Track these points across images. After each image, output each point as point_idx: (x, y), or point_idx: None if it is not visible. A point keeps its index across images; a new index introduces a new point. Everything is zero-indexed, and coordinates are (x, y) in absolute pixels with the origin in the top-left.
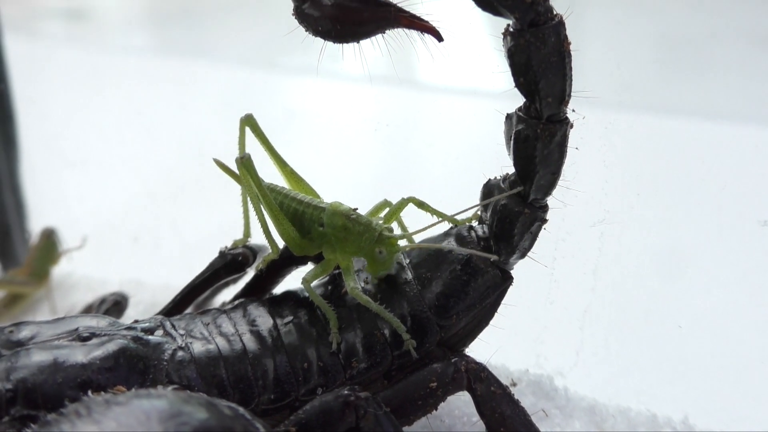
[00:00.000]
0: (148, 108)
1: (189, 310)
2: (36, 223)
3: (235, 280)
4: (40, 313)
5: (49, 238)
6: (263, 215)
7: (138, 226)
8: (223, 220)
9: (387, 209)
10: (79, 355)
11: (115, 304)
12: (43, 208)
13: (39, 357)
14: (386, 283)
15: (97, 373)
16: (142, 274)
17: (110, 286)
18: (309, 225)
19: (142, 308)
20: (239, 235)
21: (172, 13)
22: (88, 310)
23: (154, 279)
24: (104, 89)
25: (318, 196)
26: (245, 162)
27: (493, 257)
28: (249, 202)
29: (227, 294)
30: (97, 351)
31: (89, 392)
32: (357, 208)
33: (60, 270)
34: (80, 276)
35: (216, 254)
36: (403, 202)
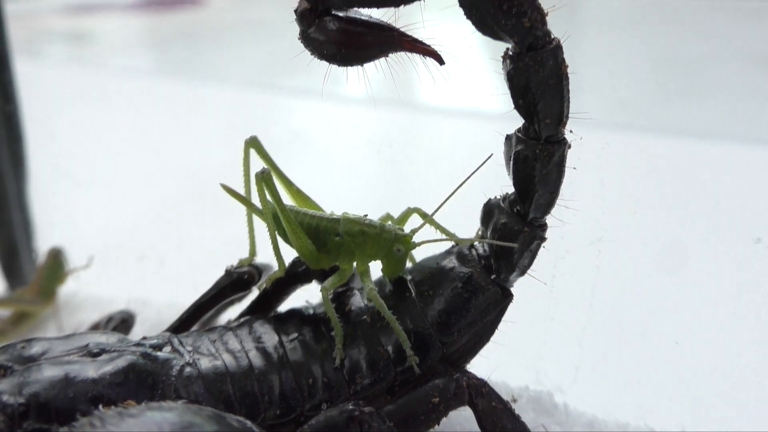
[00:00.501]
0: (154, 128)
1: (195, 327)
2: (43, 242)
3: (240, 299)
4: (47, 331)
5: (56, 257)
6: (274, 232)
7: (144, 244)
8: (228, 239)
9: (389, 222)
10: (90, 370)
11: (123, 322)
12: (50, 228)
13: (51, 372)
14: (389, 300)
15: (107, 388)
16: (148, 293)
17: (116, 305)
18: (325, 237)
19: (149, 326)
20: (244, 254)
21: (173, 35)
22: (96, 327)
23: (159, 297)
24: (110, 110)
25: (325, 212)
26: (265, 176)
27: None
28: (254, 221)
29: (232, 312)
30: (108, 366)
31: (100, 406)
32: (366, 214)
33: (66, 289)
34: (86, 295)
35: (221, 272)
36: (409, 212)
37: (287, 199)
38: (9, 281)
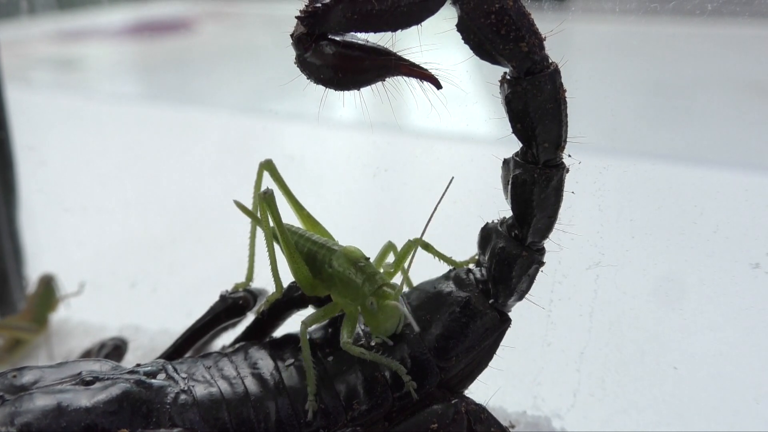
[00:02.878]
0: (146, 154)
1: (189, 353)
2: (34, 269)
3: (233, 325)
4: (38, 359)
5: (48, 284)
6: (274, 253)
7: (136, 271)
8: (221, 265)
9: (390, 252)
10: (83, 399)
11: (115, 349)
12: (41, 254)
13: (43, 401)
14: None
15: (101, 417)
16: (140, 319)
17: (108, 332)
18: (320, 265)
19: (141, 353)
20: (238, 279)
21: (164, 61)
22: (88, 354)
23: (152, 324)
24: (101, 136)
25: (333, 239)
26: (267, 197)
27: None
28: (256, 245)
29: (225, 338)
30: (101, 395)
31: None
32: (369, 258)
33: (57, 316)
34: (77, 321)
35: (214, 298)
36: (411, 246)
37: (296, 223)
38: None
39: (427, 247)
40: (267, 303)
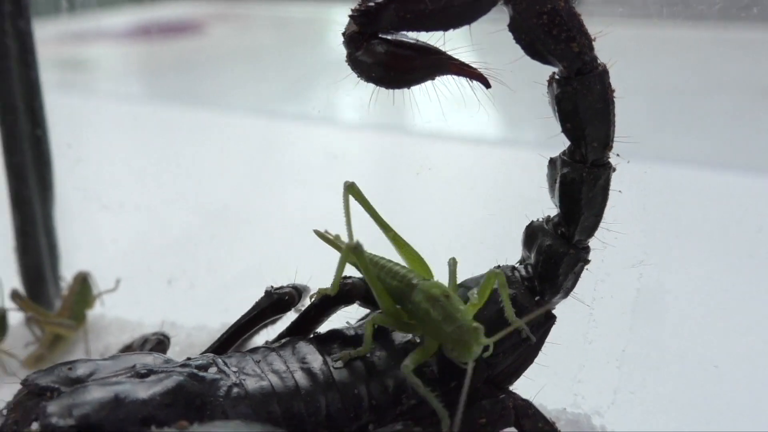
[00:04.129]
0: (174, 154)
1: (232, 349)
2: (69, 266)
3: (273, 321)
4: (77, 355)
5: (84, 281)
6: (343, 268)
7: (172, 268)
8: (257, 261)
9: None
10: (140, 391)
11: (158, 344)
12: (77, 251)
13: (100, 393)
14: None
15: (157, 409)
16: (176, 316)
17: (144, 328)
18: (403, 300)
19: (179, 349)
20: (274, 275)
21: (172, 62)
22: (128, 349)
23: (189, 320)
24: (125, 136)
25: (421, 260)
26: (357, 251)
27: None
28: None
29: (264, 336)
30: (157, 387)
31: (153, 427)
32: (449, 295)
33: (93, 312)
34: (113, 318)
35: (251, 294)
36: (492, 278)
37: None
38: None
39: (503, 288)
40: (318, 295)
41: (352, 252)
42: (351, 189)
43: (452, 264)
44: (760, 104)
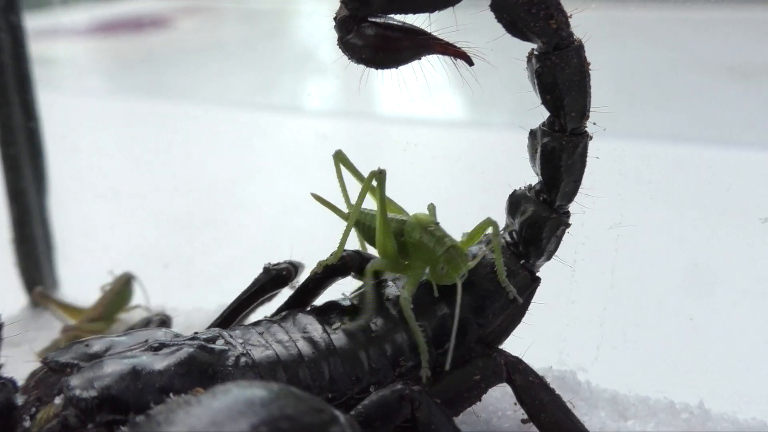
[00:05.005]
0: (162, 145)
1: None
2: (64, 255)
3: (270, 298)
4: None
5: (128, 283)
6: (352, 225)
7: (168, 252)
8: (251, 244)
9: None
10: (155, 362)
11: (162, 324)
12: (72, 240)
13: (118, 366)
14: (427, 289)
15: (173, 378)
16: (174, 299)
17: (143, 312)
18: (397, 237)
19: (177, 331)
20: (267, 256)
21: (141, 57)
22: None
23: (186, 303)
24: (111, 129)
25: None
26: (381, 177)
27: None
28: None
29: (262, 311)
30: (171, 359)
31: (171, 395)
32: (438, 222)
33: (91, 297)
34: None
35: (245, 276)
36: (485, 224)
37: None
38: (31, 296)
39: (497, 235)
40: (320, 266)
41: (377, 177)
42: (338, 156)
43: (431, 208)
44: (724, 81)
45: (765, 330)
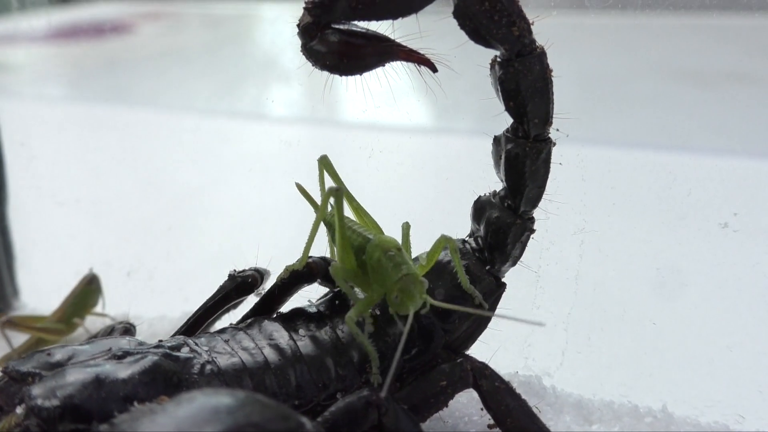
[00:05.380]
0: (124, 152)
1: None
2: (24, 264)
3: (235, 305)
4: None
5: (90, 283)
6: (315, 232)
7: (131, 260)
8: (216, 251)
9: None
10: (119, 371)
11: (125, 332)
12: (33, 248)
13: (81, 375)
14: None
15: (137, 387)
16: (137, 307)
17: (106, 320)
18: (357, 253)
19: (142, 339)
20: (232, 263)
21: (102, 63)
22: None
23: (149, 311)
24: (71, 135)
25: (379, 229)
26: (338, 194)
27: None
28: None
29: (227, 321)
30: (135, 367)
31: (135, 404)
32: (401, 249)
33: (54, 305)
34: None
35: (210, 283)
36: (443, 242)
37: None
38: None
39: (454, 253)
40: (286, 271)
41: (333, 194)
42: (323, 162)
43: (405, 227)
44: (684, 87)
45: (727, 334)
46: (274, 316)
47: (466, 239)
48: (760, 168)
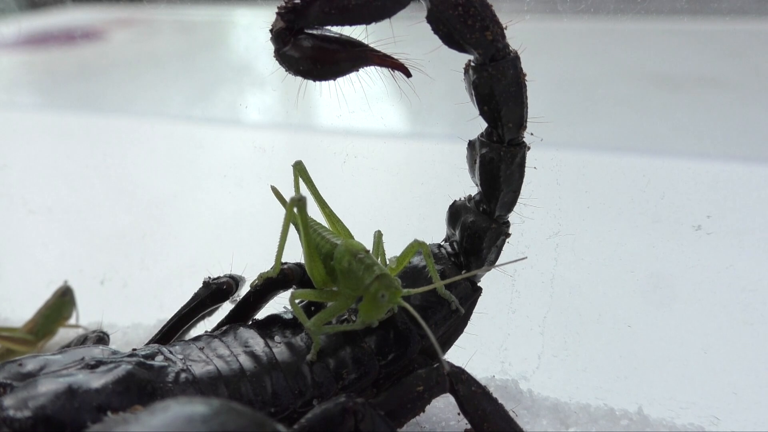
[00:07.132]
0: (97, 159)
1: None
2: None
3: (210, 313)
4: None
5: (64, 295)
6: (286, 239)
7: (104, 268)
8: (190, 258)
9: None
10: (92, 381)
11: (99, 341)
12: (4, 258)
13: (53, 385)
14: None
15: (111, 397)
16: (111, 315)
17: (79, 330)
18: (326, 259)
19: (115, 347)
20: (207, 270)
21: (74, 70)
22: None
23: (124, 319)
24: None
25: (350, 236)
26: (300, 204)
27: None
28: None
29: (201, 328)
30: (108, 376)
31: (109, 413)
32: (369, 250)
33: (26, 314)
34: None
35: (184, 291)
36: (415, 246)
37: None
38: None
39: (428, 257)
40: (260, 279)
41: (296, 204)
42: (297, 167)
43: (377, 236)
44: (655, 91)
45: (702, 336)
46: (250, 323)
47: (442, 244)
48: (733, 170)
